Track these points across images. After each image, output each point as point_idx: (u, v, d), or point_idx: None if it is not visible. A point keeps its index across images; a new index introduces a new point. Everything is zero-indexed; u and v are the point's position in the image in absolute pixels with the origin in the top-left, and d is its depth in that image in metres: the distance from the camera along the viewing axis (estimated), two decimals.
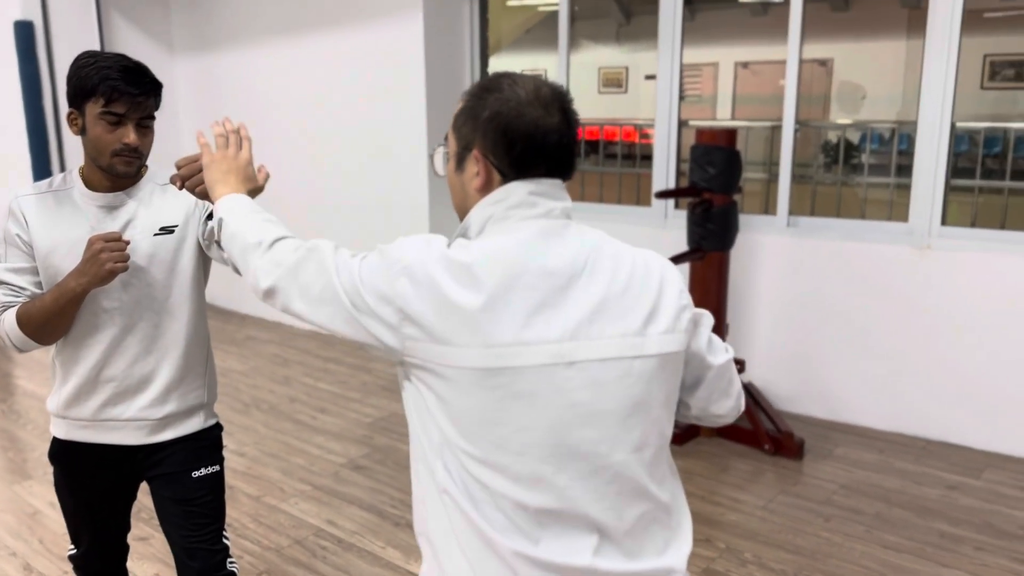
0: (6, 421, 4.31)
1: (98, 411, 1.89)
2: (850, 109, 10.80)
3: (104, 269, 1.70)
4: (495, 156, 1.21)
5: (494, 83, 1.22)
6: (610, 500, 1.20)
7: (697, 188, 3.84)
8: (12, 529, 3.19)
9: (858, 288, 4.02)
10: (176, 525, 1.95)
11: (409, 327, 1.16)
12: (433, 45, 4.97)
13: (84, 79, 1.73)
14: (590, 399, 1.17)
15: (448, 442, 1.18)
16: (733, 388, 1.40)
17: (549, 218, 1.22)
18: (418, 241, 1.19)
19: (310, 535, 3.14)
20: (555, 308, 1.16)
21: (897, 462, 3.71)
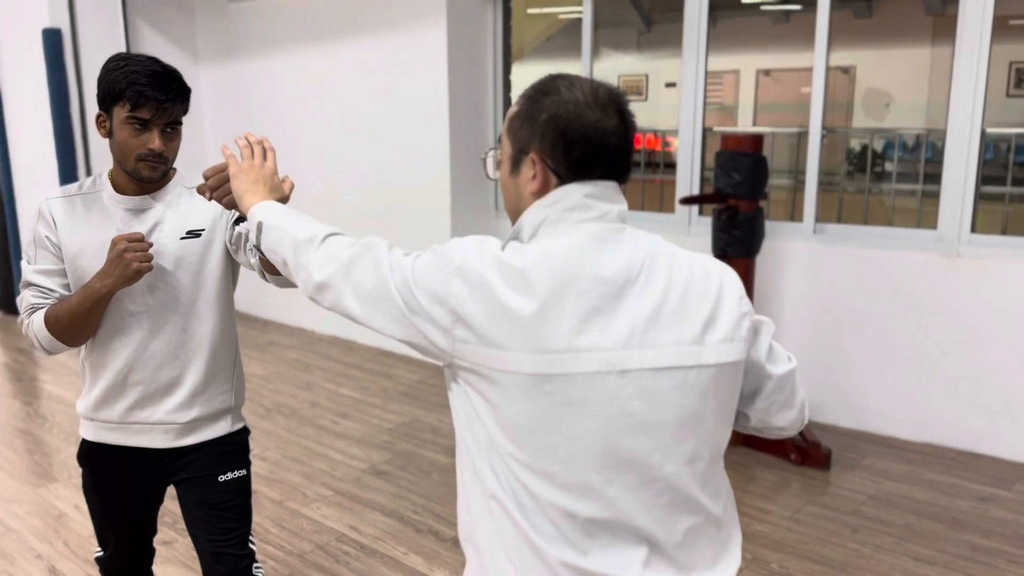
0: (32, 424, 4.34)
1: (126, 414, 1.89)
2: (874, 116, 10.72)
3: (130, 269, 1.70)
4: (552, 159, 1.19)
5: (551, 85, 1.20)
6: (660, 512, 1.17)
7: (722, 194, 3.81)
8: (38, 532, 3.20)
9: (886, 296, 3.97)
10: (203, 529, 1.94)
11: (461, 329, 1.14)
12: (456, 53, 4.98)
13: (112, 82, 1.73)
14: (642, 409, 1.14)
15: (496, 447, 1.16)
16: (795, 399, 1.35)
17: (604, 221, 1.19)
18: (473, 243, 1.17)
19: (332, 540, 3.13)
20: (609, 315, 1.13)
21: (927, 473, 3.65)
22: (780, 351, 1.32)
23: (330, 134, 5.76)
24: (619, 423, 1.14)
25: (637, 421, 1.14)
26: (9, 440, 4.11)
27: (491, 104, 5.24)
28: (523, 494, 1.15)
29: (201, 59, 6.54)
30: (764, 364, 1.29)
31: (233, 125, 6.43)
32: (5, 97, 6.16)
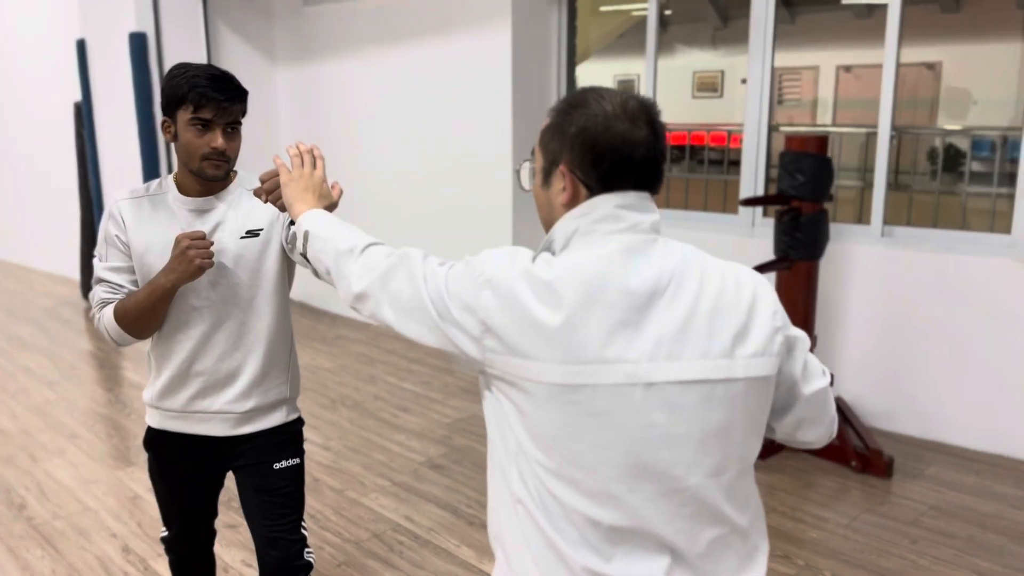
0: (112, 410, 4.57)
1: (188, 403, 2.00)
2: (959, 114, 10.34)
3: (192, 265, 1.80)
4: (582, 171, 1.20)
5: (580, 98, 1.22)
6: (684, 522, 1.18)
7: (785, 196, 3.76)
8: (113, 512, 3.38)
9: (956, 302, 3.85)
10: (257, 514, 2.04)
11: (490, 339, 1.17)
12: (520, 55, 5.03)
13: (175, 88, 1.83)
14: (666, 421, 1.15)
15: (524, 452, 1.19)
16: (825, 416, 1.34)
17: (635, 232, 1.20)
18: (503, 255, 1.20)
19: (388, 530, 3.22)
20: (636, 327, 1.14)
21: (995, 485, 3.53)
22: (815, 367, 1.31)
23: (397, 137, 5.88)
24: (644, 434, 1.15)
25: (662, 433, 1.15)
26: (91, 425, 4.35)
27: None
28: (549, 499, 1.18)
29: (278, 61, 6.75)
30: (797, 380, 1.28)
31: (307, 125, 6.62)
32: (95, 98, 6.48)
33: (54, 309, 6.95)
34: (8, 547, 3.11)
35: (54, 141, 7.87)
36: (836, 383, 4.21)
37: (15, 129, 8.67)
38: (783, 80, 12.45)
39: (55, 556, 3.04)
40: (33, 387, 4.95)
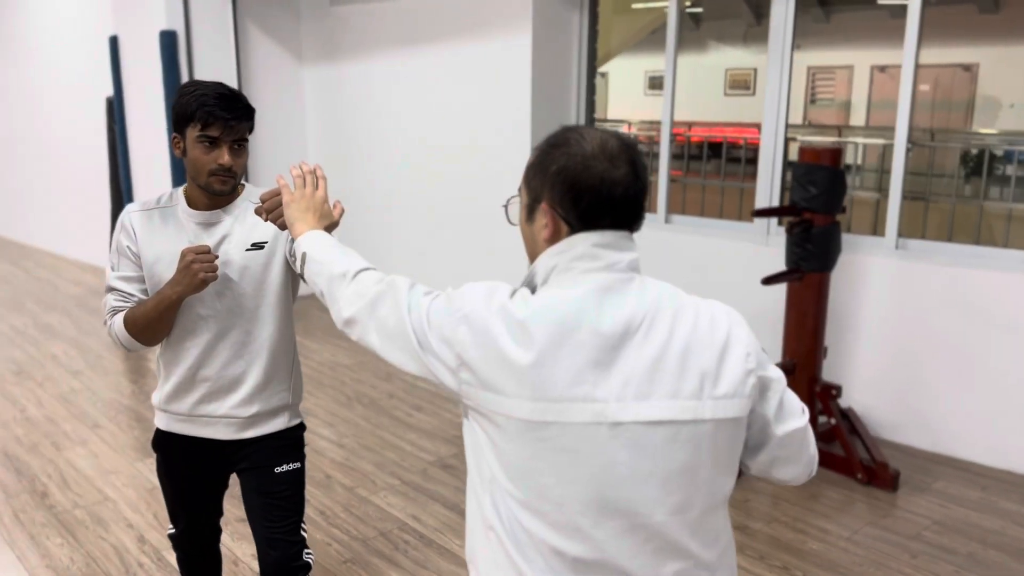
0: (135, 401, 4.70)
1: (194, 407, 2.08)
2: (989, 119, 10.18)
3: (197, 278, 1.88)
4: (562, 208, 1.23)
5: (562, 138, 1.25)
6: (647, 557, 1.21)
7: (797, 208, 3.77)
8: (132, 503, 3.50)
9: (970, 316, 3.84)
10: (259, 516, 2.11)
11: (465, 372, 1.21)
12: (540, 56, 5.06)
13: (184, 106, 1.90)
14: (631, 459, 1.17)
15: (496, 481, 1.23)
16: (802, 456, 1.35)
17: (611, 271, 1.22)
18: (482, 291, 1.24)
19: (395, 528, 3.29)
20: (606, 367, 1.17)
21: (1001, 501, 3.53)
22: (792, 407, 1.32)
23: (420, 137, 5.95)
24: (609, 472, 1.18)
25: (627, 471, 1.18)
26: (114, 415, 4.48)
27: (574, 111, 5.31)
28: (518, 528, 1.22)
29: (305, 60, 6.85)
30: (770, 421, 1.29)
31: (333, 124, 6.71)
32: (126, 94, 6.62)
33: (83, 298, 7.13)
34: (30, 534, 3.23)
35: (86, 134, 8.05)
36: (846, 394, 4.22)
37: (50, 122, 8.87)
38: (816, 79, 12.34)
39: (74, 544, 3.16)
40: (60, 375, 5.10)
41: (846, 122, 11.98)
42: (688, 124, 10.12)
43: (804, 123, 12.15)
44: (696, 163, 9.96)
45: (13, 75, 9.50)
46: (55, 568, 2.99)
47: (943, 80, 10.39)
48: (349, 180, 6.63)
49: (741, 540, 3.20)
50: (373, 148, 6.37)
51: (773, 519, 3.37)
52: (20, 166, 9.82)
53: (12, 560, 3.05)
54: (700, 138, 8.01)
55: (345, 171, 6.66)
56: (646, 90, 12.60)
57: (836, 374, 4.26)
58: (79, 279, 7.93)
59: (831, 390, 3.85)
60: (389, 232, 6.40)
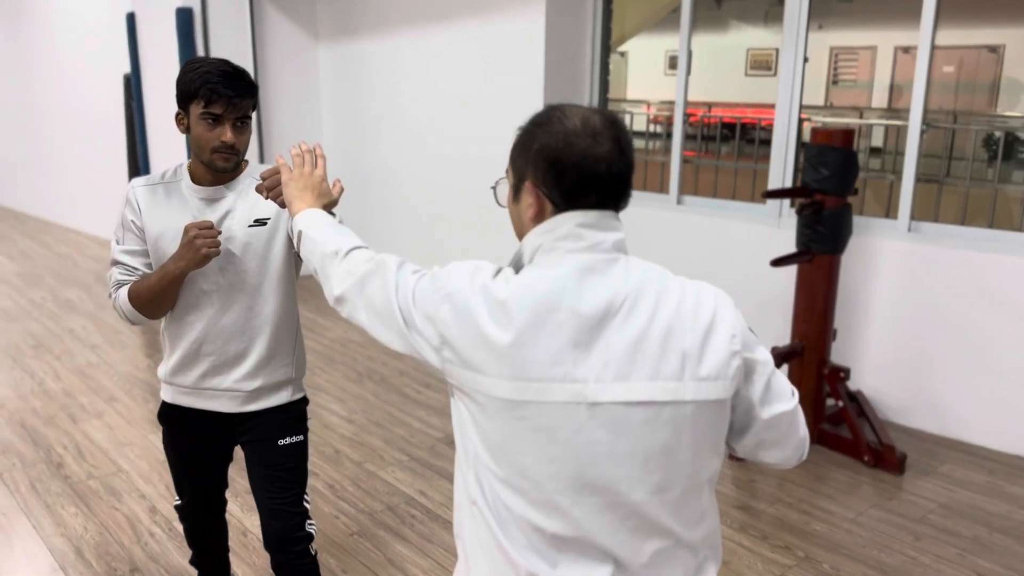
0: (151, 375, 4.77)
1: (199, 380, 2.12)
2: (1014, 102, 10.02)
3: (199, 254, 1.90)
4: (546, 187, 1.22)
5: (544, 116, 1.24)
6: (626, 534, 1.21)
7: (808, 189, 3.75)
8: (144, 474, 3.56)
9: (981, 301, 3.82)
10: (262, 487, 2.15)
11: (447, 351, 1.22)
12: (554, 36, 5.04)
13: (188, 83, 1.91)
14: (609, 439, 1.17)
15: (479, 458, 1.24)
16: (790, 439, 1.33)
17: (595, 252, 1.21)
18: (465, 270, 1.24)
19: (402, 503, 3.34)
20: (585, 348, 1.17)
21: (1007, 485, 3.52)
22: (780, 390, 1.30)
23: (433, 114, 5.95)
24: (587, 451, 1.18)
25: (606, 451, 1.18)
26: (129, 389, 4.55)
27: (587, 91, 5.29)
28: (500, 505, 1.23)
29: (321, 38, 6.85)
30: (755, 404, 1.28)
31: (348, 102, 6.73)
32: (143, 70, 6.66)
33: (102, 274, 7.21)
34: (46, 504, 3.30)
35: (104, 110, 8.12)
36: (855, 377, 4.21)
37: (69, 99, 8.95)
38: (839, 60, 12.19)
39: (87, 514, 3.22)
40: (77, 350, 5.18)
41: (868, 103, 11.84)
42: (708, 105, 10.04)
43: (826, 104, 12.03)
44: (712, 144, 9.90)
45: (32, 53, 9.58)
46: (69, 537, 3.06)
47: (968, 61, 10.23)
48: (363, 158, 6.65)
49: (745, 520, 3.22)
50: (387, 126, 6.38)
51: (778, 500, 3.38)
52: (40, 143, 9.92)
53: (28, 528, 3.12)
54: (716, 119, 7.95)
55: (359, 149, 6.68)
56: (666, 70, 12.50)
57: (845, 357, 4.25)
58: (98, 255, 8.02)
59: (839, 373, 3.85)
60: (402, 209, 6.42)
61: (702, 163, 5.32)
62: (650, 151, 6.17)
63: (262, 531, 2.16)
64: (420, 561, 2.93)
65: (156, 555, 2.95)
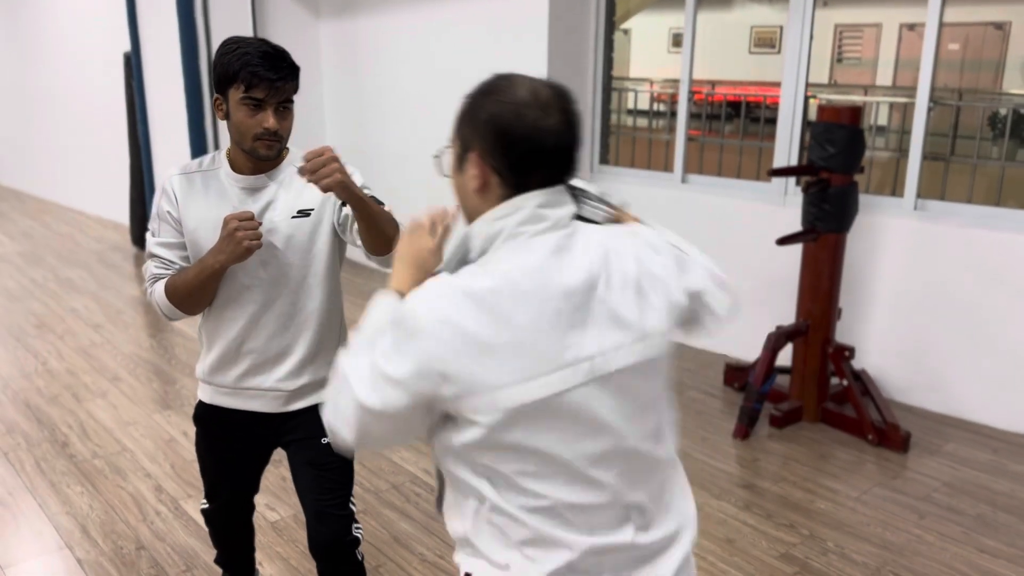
0: (154, 355, 4.77)
1: (239, 380, 2.01)
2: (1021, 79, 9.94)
3: (240, 247, 1.78)
4: (493, 158, 1.19)
5: (492, 85, 1.21)
6: (644, 482, 1.27)
7: (815, 167, 3.72)
8: (149, 453, 3.57)
9: (987, 279, 3.80)
10: (307, 488, 2.06)
11: (447, 387, 1.13)
12: (557, 12, 4.99)
13: (226, 66, 1.79)
14: (619, 404, 1.21)
15: (492, 468, 1.20)
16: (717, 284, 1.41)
17: (558, 229, 1.21)
18: (424, 296, 1.16)
19: (406, 481, 3.34)
20: (582, 325, 1.17)
21: (1011, 464, 3.52)
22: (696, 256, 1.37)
23: (435, 93, 5.90)
24: (606, 421, 1.20)
25: (621, 415, 1.21)
26: (133, 368, 4.55)
27: (591, 68, 5.24)
28: (529, 498, 1.20)
29: (321, 15, 6.79)
30: (701, 298, 1.35)
31: (349, 80, 6.68)
32: (143, 49, 6.61)
33: (103, 254, 7.20)
34: (51, 482, 3.31)
35: (105, 90, 8.07)
36: (859, 355, 4.20)
37: (69, 78, 8.89)
38: (843, 38, 12.09)
39: (93, 493, 3.23)
40: (80, 329, 5.18)
41: (873, 82, 11.74)
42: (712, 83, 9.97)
43: (830, 82, 11.94)
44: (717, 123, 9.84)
45: (32, 31, 9.52)
46: (75, 515, 3.07)
47: (973, 39, 10.14)
48: (364, 136, 6.61)
49: (749, 499, 3.23)
50: (388, 104, 6.34)
51: (782, 478, 3.39)
52: (40, 122, 9.88)
53: (34, 507, 3.13)
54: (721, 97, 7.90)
55: (360, 127, 6.64)
56: (670, 48, 12.41)
57: (850, 336, 4.24)
58: (100, 235, 8.01)
59: (844, 351, 3.84)
60: (402, 187, 6.39)
61: (707, 141, 5.27)
62: (654, 130, 6.13)
63: (308, 535, 2.08)
64: (425, 539, 2.94)
65: (162, 533, 2.96)
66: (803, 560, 2.83)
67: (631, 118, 6.31)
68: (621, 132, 5.55)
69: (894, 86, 11.51)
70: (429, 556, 2.84)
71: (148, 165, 6.83)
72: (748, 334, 4.48)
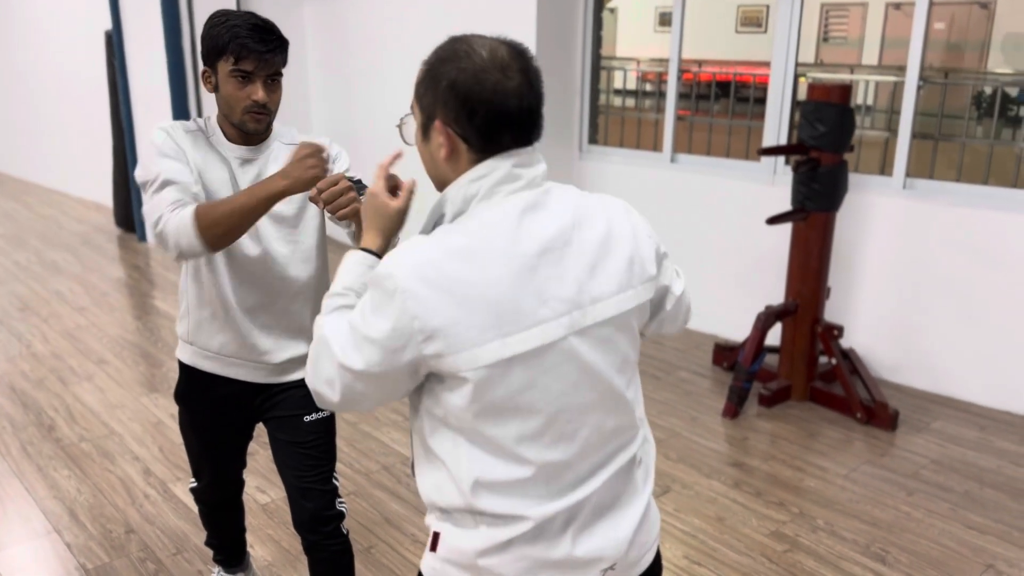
0: (140, 337, 4.73)
1: (224, 346, 2.00)
2: (1011, 59, 9.95)
3: (308, 172, 1.71)
4: (458, 125, 1.18)
5: (450, 50, 1.19)
6: (614, 439, 1.29)
7: (804, 146, 3.71)
8: (137, 436, 3.54)
9: (975, 258, 3.81)
10: (290, 466, 2.05)
11: (432, 344, 1.13)
12: None
13: (215, 38, 1.77)
14: (598, 358, 1.22)
15: (473, 434, 1.20)
16: (684, 310, 1.46)
17: (532, 187, 1.21)
18: (402, 254, 1.16)
19: (397, 462, 3.34)
20: (559, 280, 1.17)
21: (998, 441, 3.55)
22: (673, 270, 1.42)
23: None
24: (585, 375, 1.21)
25: (599, 369, 1.22)
26: (119, 351, 4.51)
27: (580, 47, 5.20)
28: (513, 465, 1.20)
29: None
30: (669, 289, 1.39)
31: (335, 62, 6.60)
32: (125, 27, 6.51)
33: (87, 235, 7.13)
34: (38, 466, 3.28)
35: (86, 69, 7.95)
36: (848, 334, 4.22)
37: (49, 57, 8.75)
38: (829, 16, 12.07)
39: (80, 476, 3.21)
40: (65, 312, 5.13)
41: (858, 61, 11.74)
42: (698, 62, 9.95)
43: (816, 62, 11.92)
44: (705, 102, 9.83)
45: (10, 10, 9.35)
46: (63, 499, 3.05)
47: (959, 18, 10.14)
48: (349, 116, 6.54)
49: (739, 477, 3.24)
50: (374, 84, 6.27)
51: (771, 457, 3.40)
52: (21, 103, 9.73)
53: (21, 491, 3.10)
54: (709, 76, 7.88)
55: (345, 107, 6.58)
56: (656, 27, 12.36)
57: (838, 315, 4.26)
58: (83, 216, 7.92)
59: (833, 330, 3.85)
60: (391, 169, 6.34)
61: (696, 121, 5.25)
62: (643, 109, 6.10)
63: (291, 511, 2.08)
64: (416, 520, 2.94)
65: (152, 516, 2.94)
66: (793, 537, 2.85)
67: (619, 98, 6.27)
68: (610, 112, 5.52)
69: (880, 65, 11.52)
70: (420, 536, 2.84)
71: (131, 146, 6.75)
72: (737, 314, 4.49)
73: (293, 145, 1.94)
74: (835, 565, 2.71)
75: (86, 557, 2.71)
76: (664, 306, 1.40)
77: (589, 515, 1.26)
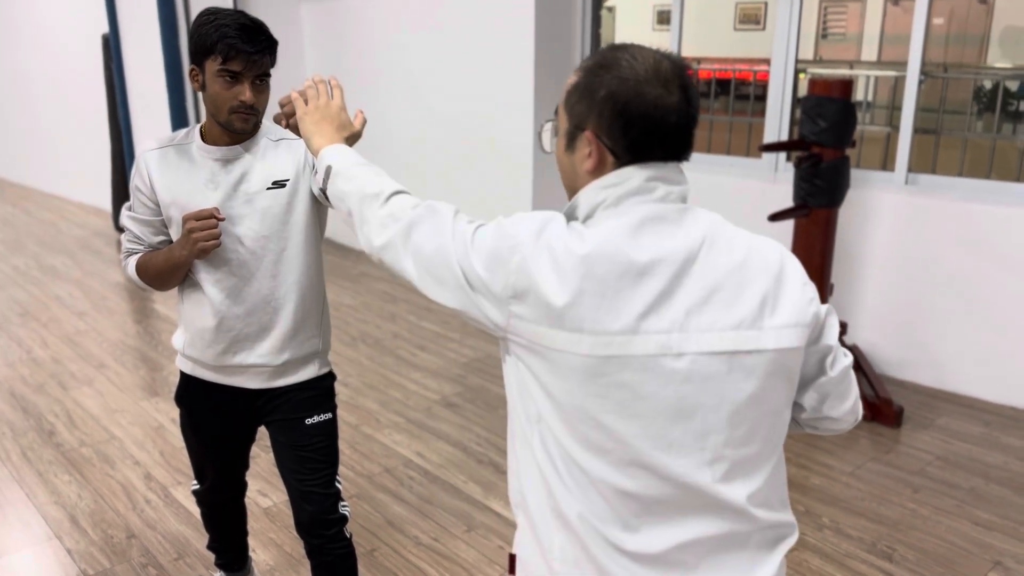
0: (140, 342, 4.71)
1: (220, 356, 1.98)
2: (1011, 54, 9.93)
3: (196, 248, 1.79)
4: (609, 138, 1.13)
5: (611, 58, 1.14)
6: (718, 485, 1.15)
7: (806, 142, 3.69)
8: (138, 440, 3.52)
9: (978, 253, 3.79)
10: (291, 469, 2.04)
11: (517, 305, 1.12)
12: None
13: (203, 37, 1.76)
14: (694, 392, 1.12)
15: (545, 421, 1.16)
16: (851, 392, 1.29)
17: (665, 202, 1.15)
18: (537, 220, 1.15)
19: (399, 465, 3.32)
20: (666, 298, 1.10)
21: (1003, 437, 3.53)
22: (839, 345, 1.27)
23: (419, 73, 5.83)
24: (673, 406, 1.12)
25: (691, 404, 1.12)
26: (119, 355, 4.49)
27: (579, 46, 5.18)
28: (575, 470, 1.15)
29: None
30: (827, 355, 1.24)
31: (332, 59, 6.59)
32: (122, 30, 6.49)
33: (86, 240, 7.11)
34: (38, 472, 3.26)
35: (84, 73, 7.93)
36: (851, 331, 4.20)
37: (46, 61, 8.74)
38: (828, 13, 12.05)
39: (81, 482, 3.19)
40: (64, 317, 5.11)
41: (857, 57, 11.72)
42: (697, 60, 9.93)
43: (815, 58, 11.90)
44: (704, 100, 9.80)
45: (8, 13, 9.33)
46: (63, 505, 3.03)
47: (958, 12, 10.12)
48: None
49: None
50: (373, 84, 6.26)
51: None
52: (19, 107, 9.71)
53: (21, 496, 3.08)
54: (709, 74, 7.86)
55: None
56: (654, 25, 12.33)
57: (842, 311, 4.23)
58: (82, 221, 7.90)
59: None
60: (389, 168, 6.33)
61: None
62: None
63: (294, 515, 2.07)
64: (419, 523, 2.92)
65: (153, 521, 2.92)
66: (799, 536, 2.83)
67: None
68: None
69: (879, 61, 11.49)
70: (424, 539, 2.82)
71: (129, 149, 6.73)
72: None
73: (281, 140, 1.94)
74: (841, 563, 2.69)
75: (87, 563, 2.70)
76: (819, 376, 1.25)
77: None
